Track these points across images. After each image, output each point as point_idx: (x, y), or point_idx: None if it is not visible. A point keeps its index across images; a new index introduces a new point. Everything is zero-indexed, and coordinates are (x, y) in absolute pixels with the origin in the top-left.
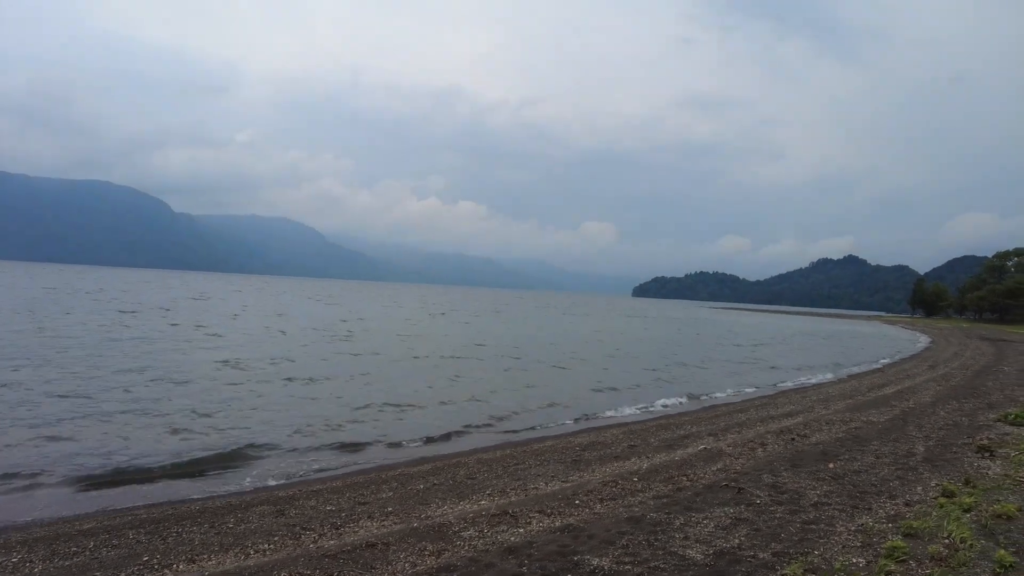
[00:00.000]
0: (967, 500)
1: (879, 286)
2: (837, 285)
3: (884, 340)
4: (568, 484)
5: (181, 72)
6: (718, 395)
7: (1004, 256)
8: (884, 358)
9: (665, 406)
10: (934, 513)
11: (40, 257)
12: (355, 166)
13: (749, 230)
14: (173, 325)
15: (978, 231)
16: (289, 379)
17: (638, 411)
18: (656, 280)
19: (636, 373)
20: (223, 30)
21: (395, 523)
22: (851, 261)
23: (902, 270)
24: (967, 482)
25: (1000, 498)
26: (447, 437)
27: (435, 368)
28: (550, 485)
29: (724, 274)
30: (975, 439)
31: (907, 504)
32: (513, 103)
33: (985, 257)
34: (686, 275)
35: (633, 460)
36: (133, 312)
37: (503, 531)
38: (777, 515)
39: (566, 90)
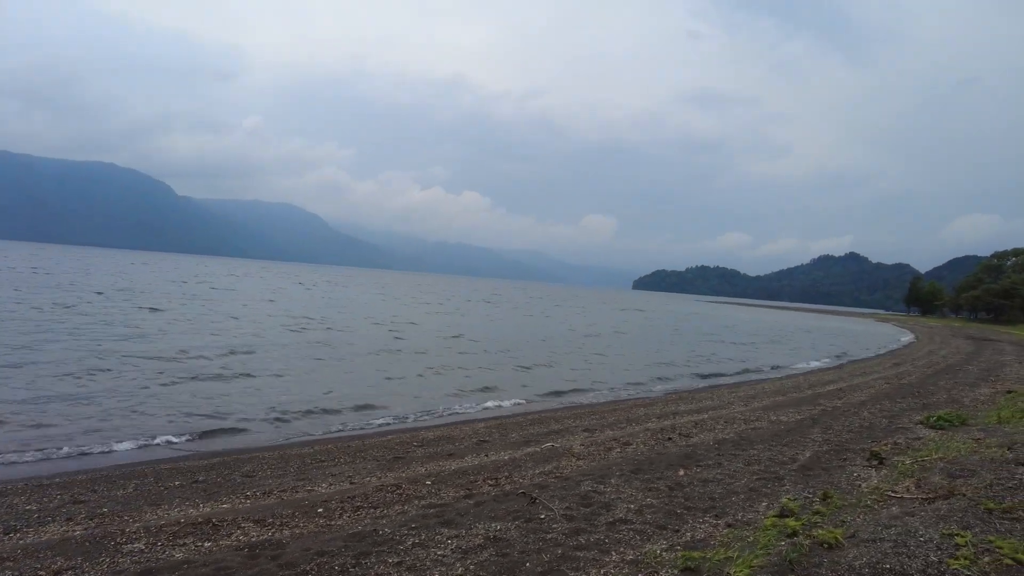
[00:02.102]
0: (792, 524)
1: (879, 284)
2: (837, 282)
3: (867, 337)
4: (352, 486)
5: (187, 57)
6: (639, 390)
7: (1002, 256)
8: (852, 355)
9: (572, 401)
10: (748, 539)
11: (41, 238)
12: (358, 154)
13: (751, 226)
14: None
15: (981, 232)
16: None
17: (534, 402)
18: (656, 274)
19: (570, 366)
20: (230, 16)
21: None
22: (852, 259)
23: (903, 268)
24: (825, 497)
25: (844, 519)
26: (281, 425)
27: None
28: (333, 487)
29: (724, 269)
30: (878, 444)
31: (729, 525)
32: (517, 94)
33: (986, 258)
34: (686, 269)
35: (467, 458)
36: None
37: (182, 544)
38: (550, 536)
39: (571, 82)
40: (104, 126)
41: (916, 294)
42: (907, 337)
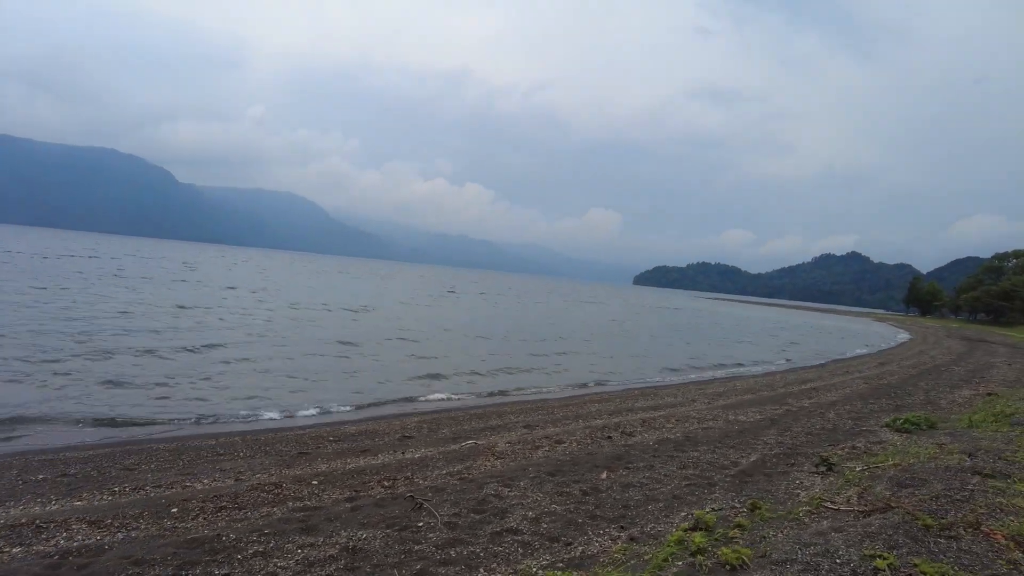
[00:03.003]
0: (699, 540)
1: (881, 284)
2: (838, 281)
3: (860, 336)
4: (234, 483)
5: (194, 46)
6: (599, 383)
7: (1002, 257)
8: (840, 353)
9: (524, 396)
10: (646, 556)
11: (40, 222)
12: (363, 145)
13: (754, 224)
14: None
15: (985, 232)
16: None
17: (484, 395)
18: (658, 269)
19: (536, 358)
20: (237, 5)
21: None
22: (854, 258)
23: (904, 268)
24: (753, 508)
25: (765, 534)
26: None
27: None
28: (213, 483)
29: (726, 266)
30: (835, 448)
31: (632, 539)
32: (523, 87)
33: (987, 259)
34: (688, 265)
35: (380, 455)
36: None
37: None
38: (418, 547)
39: (577, 76)
40: (108, 113)
41: (915, 294)
42: (901, 337)
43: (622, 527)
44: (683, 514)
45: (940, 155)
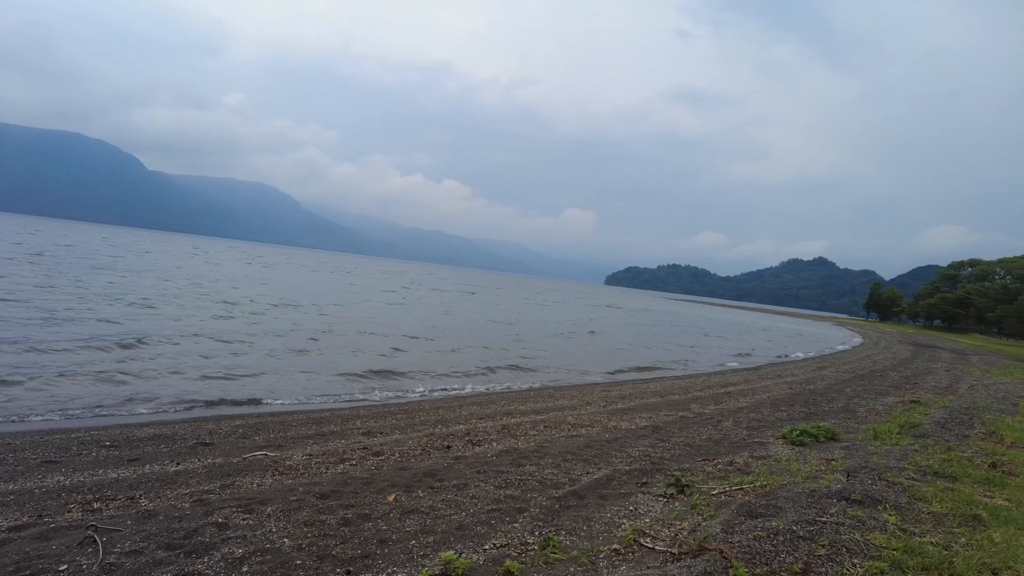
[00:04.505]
0: None
1: (846, 289)
2: (805, 286)
3: (815, 340)
4: None
5: (169, 28)
6: (494, 383)
7: (958, 266)
8: (787, 356)
9: (408, 397)
10: None
11: (2, 207)
12: (340, 137)
13: (727, 227)
14: None
15: (948, 242)
16: None
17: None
18: (629, 270)
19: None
20: None
21: None
22: (820, 263)
23: (869, 275)
24: (545, 544)
25: None
26: None
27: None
28: None
29: (696, 268)
30: (706, 463)
31: None
32: (504, 83)
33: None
34: (658, 267)
35: (130, 468)
36: None
37: None
38: None
39: (558, 74)
40: (79, 95)
41: (876, 300)
42: (854, 341)
43: (348, 573)
44: (453, 552)
45: (909, 166)
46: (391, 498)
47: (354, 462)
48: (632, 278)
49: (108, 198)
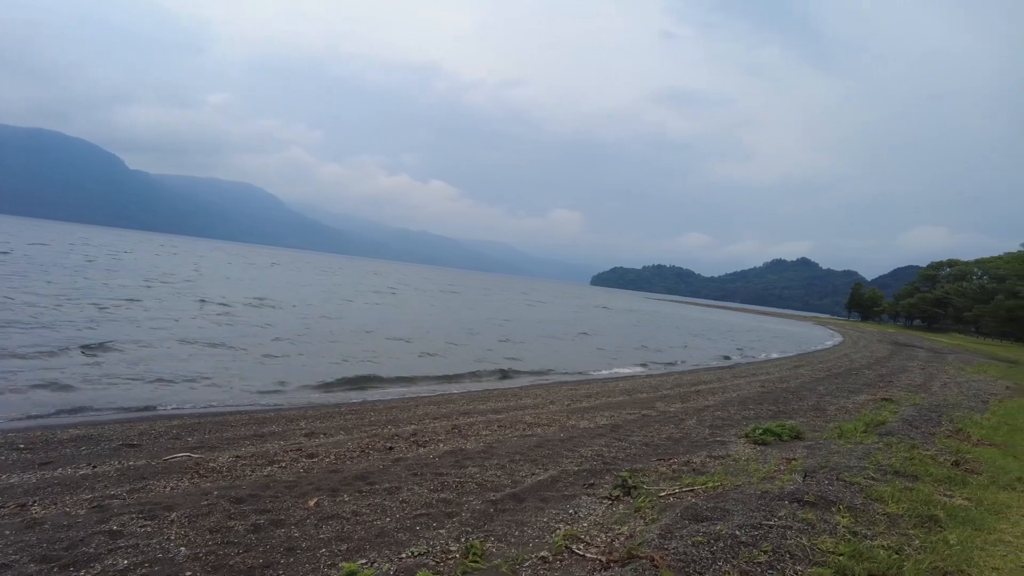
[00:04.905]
0: None
1: (829, 290)
2: (788, 286)
3: (795, 339)
4: None
5: (153, 25)
6: (473, 382)
7: (937, 266)
8: (764, 355)
9: (361, 391)
10: None
11: None
12: (327, 137)
13: (713, 228)
14: None
15: (929, 243)
16: None
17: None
18: (615, 270)
19: (430, 358)
20: None
21: None
22: (804, 264)
23: (851, 275)
24: (467, 552)
25: None
26: None
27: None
28: None
29: (681, 268)
30: (662, 462)
31: None
32: (492, 83)
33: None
34: (644, 267)
35: (28, 474)
36: None
37: None
38: None
39: (545, 75)
40: (60, 93)
41: (857, 300)
42: (834, 340)
43: None
44: (362, 561)
45: (893, 168)
46: (312, 503)
47: (284, 464)
48: (617, 278)
49: (88, 197)
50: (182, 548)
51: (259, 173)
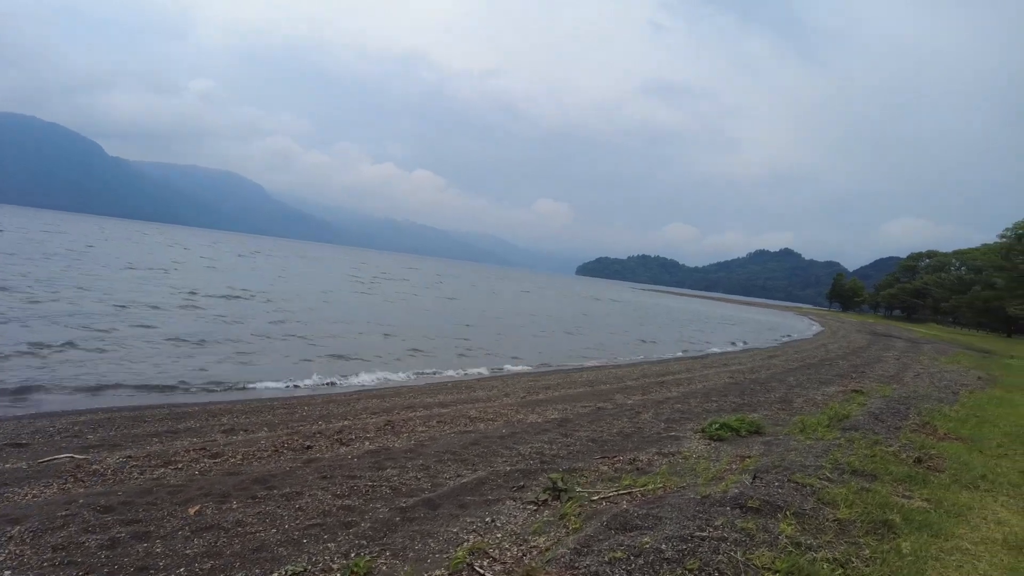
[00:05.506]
0: None
1: (811, 280)
2: (772, 277)
3: (775, 329)
4: None
5: (134, 9)
6: (432, 375)
7: (917, 257)
8: (747, 345)
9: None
10: None
11: None
12: (311, 125)
13: (698, 218)
14: None
15: (912, 234)
16: None
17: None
18: (600, 261)
19: (389, 345)
20: None
21: None
22: (786, 254)
23: (833, 266)
24: (350, 572)
25: None
26: None
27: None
28: None
29: (665, 259)
30: (605, 460)
31: None
32: (477, 72)
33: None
34: (628, 257)
35: None
36: None
37: None
38: None
39: (531, 64)
40: (35, 77)
41: (839, 291)
42: (813, 330)
43: None
44: None
45: (875, 159)
46: (193, 511)
47: (180, 466)
48: (602, 268)
49: (63, 184)
50: (6, 572)
51: (242, 161)
